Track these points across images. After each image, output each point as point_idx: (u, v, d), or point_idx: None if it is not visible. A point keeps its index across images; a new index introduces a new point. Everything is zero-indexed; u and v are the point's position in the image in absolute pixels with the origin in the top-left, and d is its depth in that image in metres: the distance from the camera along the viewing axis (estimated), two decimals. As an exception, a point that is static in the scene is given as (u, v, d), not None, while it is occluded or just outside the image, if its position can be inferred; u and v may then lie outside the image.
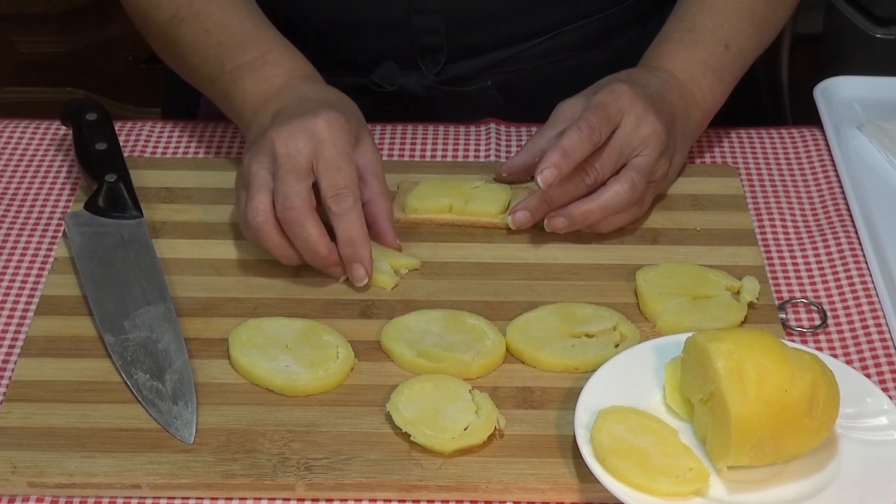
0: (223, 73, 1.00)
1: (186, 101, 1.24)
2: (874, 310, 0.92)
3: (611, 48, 1.04)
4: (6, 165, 1.07)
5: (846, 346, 0.90)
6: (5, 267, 0.97)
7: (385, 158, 1.08)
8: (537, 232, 0.98)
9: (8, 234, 1.00)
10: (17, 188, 1.05)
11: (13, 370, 0.87)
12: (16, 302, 0.93)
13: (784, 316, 0.92)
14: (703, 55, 1.02)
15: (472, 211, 0.98)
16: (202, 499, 0.80)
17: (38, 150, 1.09)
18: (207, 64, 1.01)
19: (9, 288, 0.95)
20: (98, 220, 0.97)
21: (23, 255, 0.98)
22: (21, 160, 1.08)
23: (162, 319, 0.88)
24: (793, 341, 0.87)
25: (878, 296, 0.93)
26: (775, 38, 1.09)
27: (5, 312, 0.92)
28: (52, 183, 1.05)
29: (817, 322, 0.92)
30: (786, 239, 0.99)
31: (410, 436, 0.80)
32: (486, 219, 0.98)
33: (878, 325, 0.91)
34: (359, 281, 0.91)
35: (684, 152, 1.01)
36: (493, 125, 1.11)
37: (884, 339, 0.90)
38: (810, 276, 0.96)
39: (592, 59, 1.06)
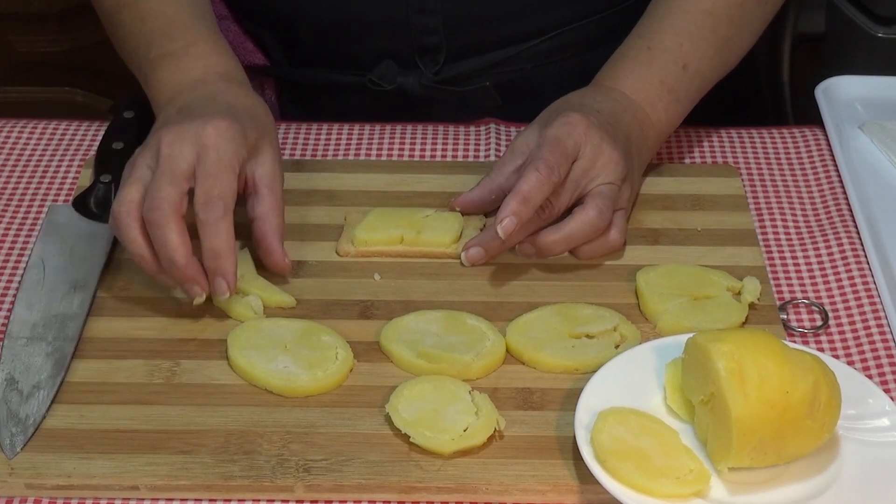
0: (147, 61, 0.99)
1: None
2: (875, 310, 0.92)
3: (610, 49, 1.04)
4: (3, 165, 1.07)
5: (847, 347, 0.89)
6: (2, 267, 0.96)
7: (384, 158, 1.07)
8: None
9: (6, 234, 0.99)
10: (14, 188, 1.04)
11: (10, 371, 0.87)
12: (13, 302, 0.92)
13: (785, 316, 0.91)
14: (660, 75, 1.00)
15: (423, 241, 0.96)
16: (200, 500, 0.79)
17: (35, 150, 1.09)
18: (138, 52, 1.00)
19: (6, 288, 0.94)
20: (76, 217, 0.97)
21: (20, 255, 0.97)
22: (19, 160, 1.08)
23: (47, 356, 0.86)
24: (794, 342, 0.87)
25: (879, 296, 0.93)
26: (739, 61, 1.05)
27: (2, 313, 0.92)
28: (50, 183, 1.05)
29: (818, 323, 0.91)
30: (787, 239, 0.99)
31: (410, 437, 0.80)
32: (438, 249, 0.96)
33: (880, 325, 0.91)
34: (221, 294, 0.87)
35: (640, 174, 1.00)
36: (492, 125, 1.11)
37: (885, 340, 0.89)
38: (811, 277, 0.95)
39: (592, 60, 1.06)
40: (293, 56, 1.18)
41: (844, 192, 1.03)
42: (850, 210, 1.00)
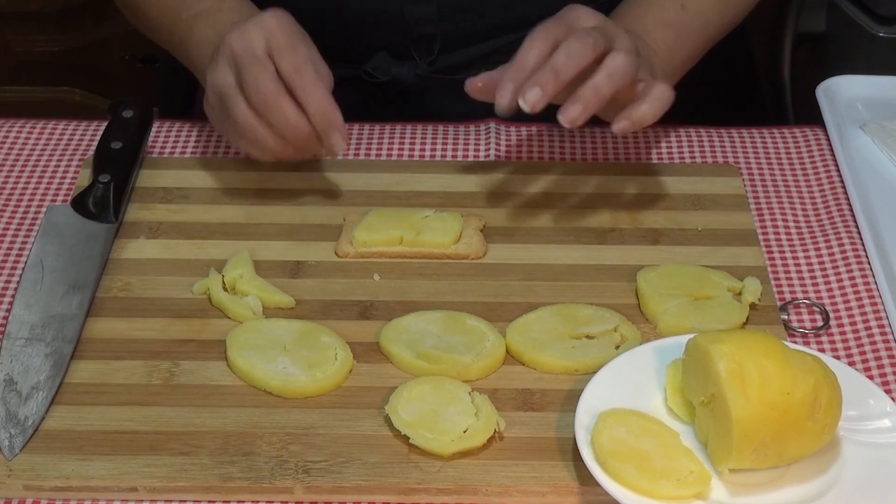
0: (180, 23, 1.02)
1: (182, 100, 1.24)
2: (877, 311, 0.91)
3: None
4: (2, 165, 1.07)
5: (849, 348, 0.89)
6: (1, 267, 0.96)
7: (384, 158, 1.07)
8: (537, 231, 0.98)
9: (4, 234, 0.99)
10: (12, 188, 1.04)
11: (9, 372, 0.86)
12: (11, 303, 0.92)
13: (786, 317, 0.91)
14: (656, 13, 1.01)
15: (423, 242, 0.96)
16: (199, 502, 0.79)
17: (33, 149, 1.08)
18: (165, 14, 1.04)
19: (5, 289, 0.94)
20: (74, 217, 0.96)
21: (18, 255, 0.97)
22: (17, 160, 1.07)
23: (45, 356, 0.86)
24: (795, 343, 0.86)
25: (880, 296, 0.92)
26: (746, 12, 1.06)
27: (1, 314, 0.92)
28: (48, 183, 1.05)
29: (819, 323, 0.91)
30: (788, 239, 0.99)
31: (409, 438, 0.80)
32: (438, 249, 0.96)
33: (881, 326, 0.90)
34: (339, 148, 0.92)
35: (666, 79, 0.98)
36: (492, 125, 1.10)
37: (887, 341, 0.89)
38: (812, 277, 0.95)
39: None
40: None
41: (845, 192, 1.02)
42: (851, 210, 1.00)
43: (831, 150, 1.08)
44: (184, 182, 1.03)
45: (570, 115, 0.89)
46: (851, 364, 0.87)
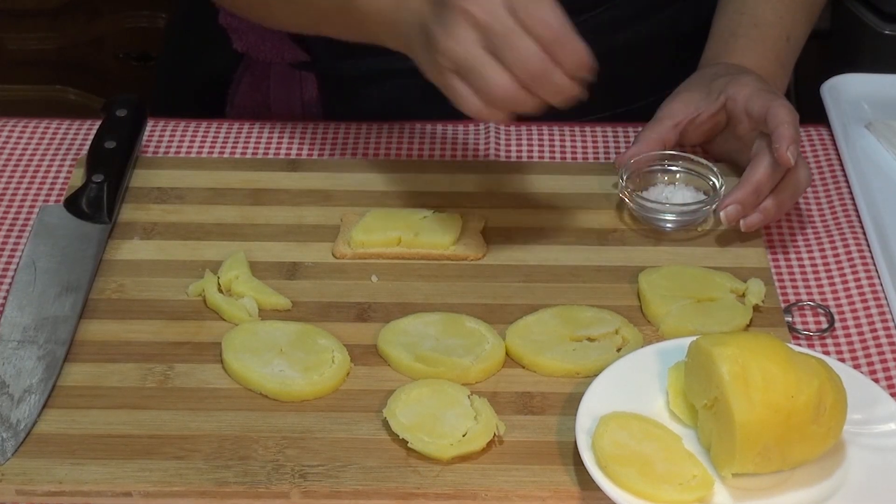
0: None
1: (177, 99, 1.22)
2: (882, 313, 0.91)
3: (637, 33, 1.03)
4: (-5, 164, 1.06)
5: (854, 350, 0.89)
6: (-7, 268, 0.96)
7: (382, 158, 1.06)
8: (537, 232, 0.97)
9: (-3, 235, 0.99)
10: (4, 188, 1.03)
11: (1, 375, 0.86)
12: (2, 304, 0.91)
13: (790, 319, 0.90)
14: (773, 52, 1.05)
15: (421, 243, 0.95)
16: (194, 507, 0.78)
17: (26, 149, 1.08)
18: None
19: (-3, 290, 0.94)
20: (68, 218, 0.96)
21: (11, 256, 0.96)
22: (9, 159, 1.07)
23: (38, 359, 0.85)
24: (799, 345, 0.86)
25: (886, 298, 0.92)
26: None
27: (-7, 315, 0.91)
28: (41, 183, 1.04)
29: (824, 325, 0.90)
30: (792, 240, 0.98)
31: (408, 442, 0.79)
32: (437, 251, 0.95)
33: (887, 328, 0.90)
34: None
35: None
36: (492, 124, 1.10)
37: (892, 343, 0.89)
38: (817, 279, 0.94)
39: (619, 44, 1.06)
40: (339, 46, 1.14)
41: (850, 193, 1.02)
42: (857, 210, 1.00)
43: (836, 149, 1.07)
44: (179, 182, 1.02)
45: (752, 222, 0.94)
46: (856, 367, 0.87)
